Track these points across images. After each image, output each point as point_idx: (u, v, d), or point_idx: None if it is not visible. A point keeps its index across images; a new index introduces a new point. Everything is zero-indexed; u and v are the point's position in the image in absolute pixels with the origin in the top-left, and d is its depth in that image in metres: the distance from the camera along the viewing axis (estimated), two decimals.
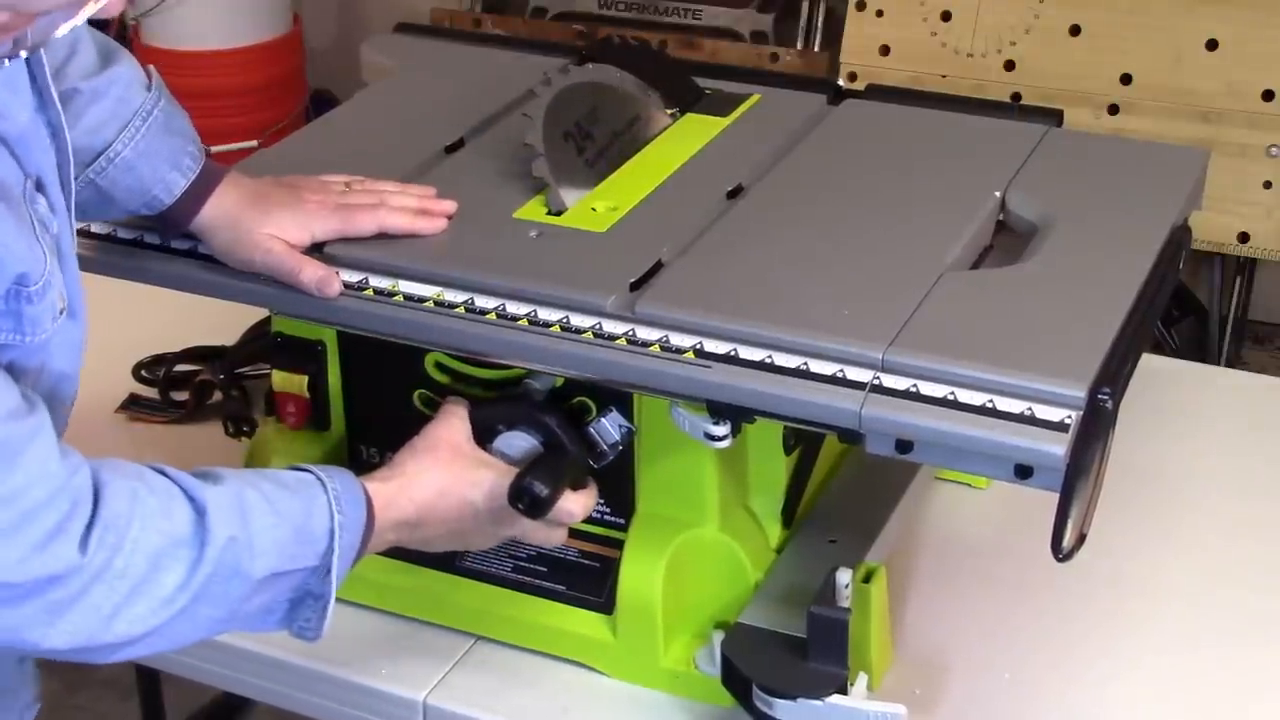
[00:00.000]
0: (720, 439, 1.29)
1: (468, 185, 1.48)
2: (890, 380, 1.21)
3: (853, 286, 1.33)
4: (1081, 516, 1.19)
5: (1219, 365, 3.07)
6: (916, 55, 3.15)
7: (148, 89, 1.36)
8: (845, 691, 1.28)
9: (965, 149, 1.58)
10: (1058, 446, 1.16)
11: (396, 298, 1.34)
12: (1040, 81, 3.05)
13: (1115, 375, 1.22)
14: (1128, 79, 3.02)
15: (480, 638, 1.46)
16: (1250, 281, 3.24)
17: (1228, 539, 1.59)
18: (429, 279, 1.35)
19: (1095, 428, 1.18)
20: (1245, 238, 2.98)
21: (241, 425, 1.72)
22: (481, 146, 1.58)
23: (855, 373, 1.22)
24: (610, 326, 1.29)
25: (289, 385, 1.47)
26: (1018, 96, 3.06)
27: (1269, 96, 2.93)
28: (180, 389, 1.79)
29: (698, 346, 1.26)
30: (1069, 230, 1.43)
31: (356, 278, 1.36)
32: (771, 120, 1.62)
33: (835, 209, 1.46)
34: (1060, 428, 1.17)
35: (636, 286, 1.33)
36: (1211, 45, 2.97)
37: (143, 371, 1.81)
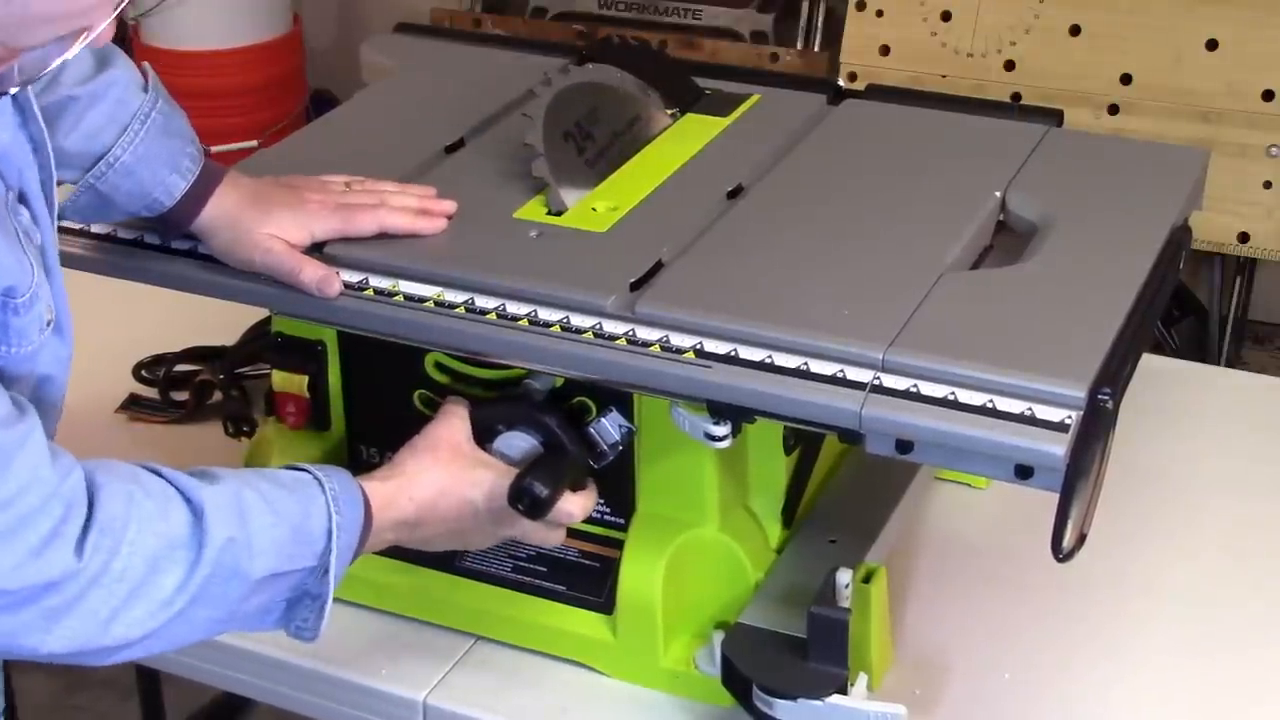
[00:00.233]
0: (720, 439, 1.29)
1: (468, 185, 1.48)
2: (890, 380, 1.21)
3: (853, 287, 1.33)
4: (1081, 517, 1.19)
5: (1219, 365, 3.06)
6: (916, 55, 3.15)
7: (144, 90, 1.36)
8: (845, 692, 1.28)
9: (965, 149, 1.58)
10: (1058, 447, 1.15)
11: (396, 298, 1.34)
12: (1040, 81, 3.05)
13: (1115, 375, 1.22)
14: (1128, 79, 3.01)
15: (480, 638, 1.45)
16: (1250, 281, 3.24)
17: (1228, 539, 1.59)
18: (429, 279, 1.35)
19: (1095, 428, 1.17)
20: (1245, 238, 2.98)
21: (241, 425, 1.72)
22: (481, 146, 1.58)
23: (855, 373, 1.22)
24: (610, 326, 1.29)
25: (289, 385, 1.47)
26: (1018, 96, 3.05)
27: (1269, 96, 2.93)
28: (180, 389, 1.78)
29: (698, 346, 1.26)
30: (1069, 230, 1.43)
31: (356, 278, 1.36)
32: (771, 120, 1.62)
33: (835, 209, 1.46)
34: (1060, 428, 1.17)
35: (636, 286, 1.33)
36: (1211, 45, 2.96)
37: (143, 371, 1.81)
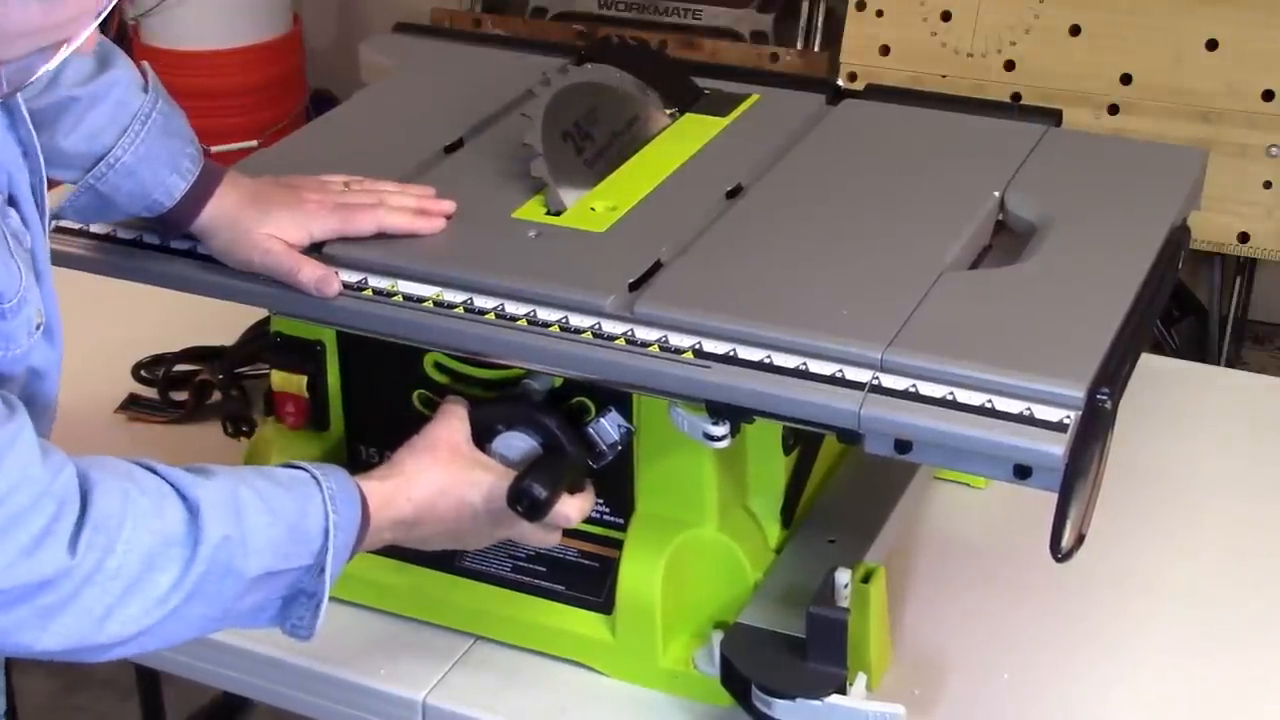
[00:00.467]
0: (719, 439, 1.29)
1: (467, 185, 1.48)
2: (889, 380, 1.21)
3: (852, 286, 1.33)
4: (1080, 517, 1.19)
5: (1219, 365, 3.06)
6: (916, 55, 3.15)
7: (144, 90, 1.36)
8: (844, 691, 1.28)
9: (965, 149, 1.58)
10: (1056, 447, 1.15)
11: (396, 298, 1.34)
12: (1040, 81, 3.05)
13: (1114, 375, 1.22)
14: (1128, 79, 3.01)
15: (479, 637, 1.45)
16: (1250, 281, 3.24)
17: (1228, 539, 1.59)
18: (428, 279, 1.35)
19: (1094, 428, 1.17)
20: (1245, 238, 2.98)
21: (241, 425, 1.72)
22: (481, 146, 1.58)
23: (854, 373, 1.22)
24: (609, 326, 1.29)
25: (288, 385, 1.47)
26: (1018, 96, 3.05)
27: (1269, 96, 2.93)
28: (180, 389, 1.78)
29: (697, 346, 1.26)
30: (1068, 230, 1.43)
31: (355, 278, 1.36)
32: (771, 120, 1.62)
33: (834, 209, 1.46)
34: (1059, 428, 1.17)
35: (636, 286, 1.33)
36: (1211, 45, 2.96)
37: (142, 371, 1.81)
